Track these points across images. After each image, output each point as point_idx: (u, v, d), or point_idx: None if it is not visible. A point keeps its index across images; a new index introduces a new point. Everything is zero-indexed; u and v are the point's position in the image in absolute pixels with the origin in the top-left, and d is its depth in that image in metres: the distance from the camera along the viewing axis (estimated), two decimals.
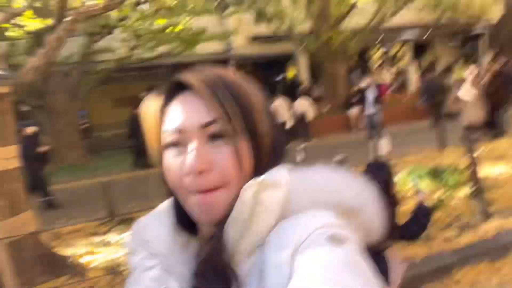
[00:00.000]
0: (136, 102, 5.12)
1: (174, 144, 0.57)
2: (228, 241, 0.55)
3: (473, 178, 3.97)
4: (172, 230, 0.62)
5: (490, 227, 3.65)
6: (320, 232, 0.50)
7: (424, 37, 15.04)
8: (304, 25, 11.82)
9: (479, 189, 3.95)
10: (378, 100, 9.10)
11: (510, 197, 4.33)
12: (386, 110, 9.87)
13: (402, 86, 15.44)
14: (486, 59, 13.48)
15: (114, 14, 8.80)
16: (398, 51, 16.03)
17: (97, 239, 4.39)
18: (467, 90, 7.15)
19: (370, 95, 9.15)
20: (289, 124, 9.86)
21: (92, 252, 4.00)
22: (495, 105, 7.51)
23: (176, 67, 10.43)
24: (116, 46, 10.10)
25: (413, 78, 15.42)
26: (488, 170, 4.83)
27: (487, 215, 3.84)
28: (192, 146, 0.54)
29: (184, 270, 0.59)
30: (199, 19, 10.36)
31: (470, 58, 15.81)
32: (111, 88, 12.46)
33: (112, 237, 4.38)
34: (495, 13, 15.15)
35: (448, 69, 14.52)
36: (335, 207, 0.55)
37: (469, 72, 7.38)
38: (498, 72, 8.06)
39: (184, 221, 0.60)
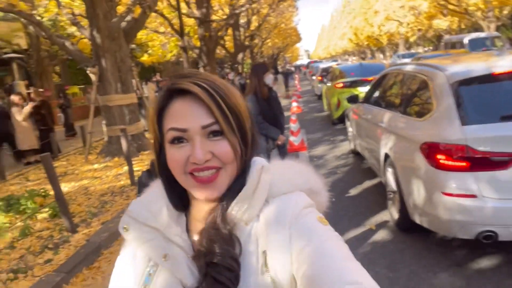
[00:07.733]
0: None
1: (179, 140, 0.68)
2: (231, 212, 0.70)
3: (58, 197, 4.19)
4: (167, 208, 0.74)
5: (80, 236, 4.10)
6: (307, 210, 0.70)
7: None
8: None
9: (64, 207, 4.22)
10: None
11: (83, 206, 5.03)
12: None
13: None
14: (20, 86, 13.83)
15: None
16: None
17: None
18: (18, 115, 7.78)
19: None
20: None
21: None
22: (44, 130, 8.59)
23: None
24: None
25: None
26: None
27: (73, 227, 4.26)
28: (196, 142, 0.67)
29: (180, 240, 0.72)
30: None
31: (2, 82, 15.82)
32: None
33: None
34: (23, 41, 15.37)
35: None
36: (307, 190, 0.75)
37: (16, 98, 8.03)
38: (41, 101, 9.13)
39: (176, 200, 0.75)
